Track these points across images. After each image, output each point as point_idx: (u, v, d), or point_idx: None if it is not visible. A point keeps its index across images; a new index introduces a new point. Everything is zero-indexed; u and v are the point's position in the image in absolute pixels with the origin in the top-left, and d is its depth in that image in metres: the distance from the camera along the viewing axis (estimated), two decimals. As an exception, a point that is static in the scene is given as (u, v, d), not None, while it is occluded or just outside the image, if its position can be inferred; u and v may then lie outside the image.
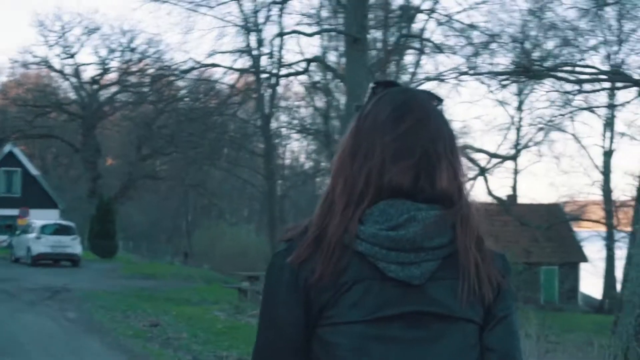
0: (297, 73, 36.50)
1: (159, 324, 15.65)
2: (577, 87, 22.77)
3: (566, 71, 21.69)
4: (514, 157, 37.07)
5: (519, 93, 49.84)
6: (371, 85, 2.09)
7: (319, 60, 35.58)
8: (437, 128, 1.97)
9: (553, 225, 36.39)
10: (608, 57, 37.30)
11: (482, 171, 30.77)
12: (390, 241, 1.85)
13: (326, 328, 1.87)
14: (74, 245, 35.31)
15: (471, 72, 24.95)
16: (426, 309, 1.87)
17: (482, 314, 1.93)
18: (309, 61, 33.99)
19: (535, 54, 26.06)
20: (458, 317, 1.89)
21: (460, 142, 2.08)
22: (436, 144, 1.94)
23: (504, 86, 28.00)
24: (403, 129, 1.94)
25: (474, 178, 30.04)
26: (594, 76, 23.10)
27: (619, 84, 27.45)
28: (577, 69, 22.84)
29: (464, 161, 2.02)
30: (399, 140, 1.93)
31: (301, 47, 79.00)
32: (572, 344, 15.17)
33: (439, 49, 30.46)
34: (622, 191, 68.61)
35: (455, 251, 1.89)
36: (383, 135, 1.94)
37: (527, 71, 19.79)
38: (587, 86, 23.70)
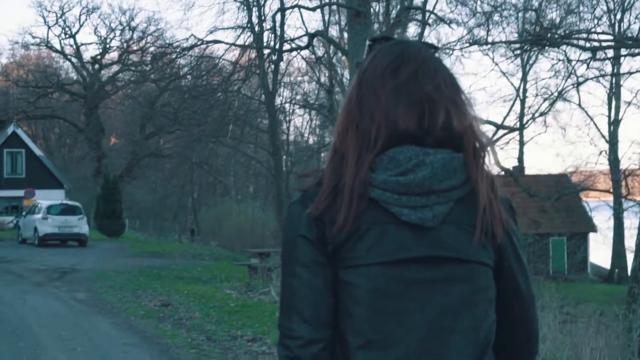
0: (300, 48, 36.15)
1: (171, 304, 15.43)
2: (588, 55, 22.37)
3: (581, 38, 21.30)
4: (521, 128, 36.75)
5: (524, 64, 49.66)
6: (368, 42, 2.17)
7: (322, 34, 35.22)
8: (435, 72, 2.05)
9: (563, 196, 36.13)
10: (612, 25, 37.06)
11: (490, 142, 30.50)
12: (401, 186, 1.94)
13: (348, 270, 1.98)
14: (80, 225, 35.19)
15: (482, 41, 24.58)
16: (440, 253, 1.96)
17: (494, 256, 2.04)
18: (311, 35, 33.56)
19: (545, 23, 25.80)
20: (471, 260, 1.99)
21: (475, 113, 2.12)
22: (436, 88, 2.01)
23: (517, 55, 27.60)
24: (403, 77, 2.02)
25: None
26: (608, 43, 22.70)
27: (624, 51, 27.14)
28: (591, 36, 22.45)
29: (469, 102, 2.08)
30: (400, 87, 2.01)
31: (303, 23, 78.81)
32: (586, 314, 14.98)
33: (442, 20, 30.24)
34: (630, 160, 68.49)
35: (468, 193, 1.98)
36: (384, 85, 2.02)
37: (541, 39, 19.41)
38: (599, 55, 23.33)
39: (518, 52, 24.91)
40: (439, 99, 2.00)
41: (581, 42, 21.30)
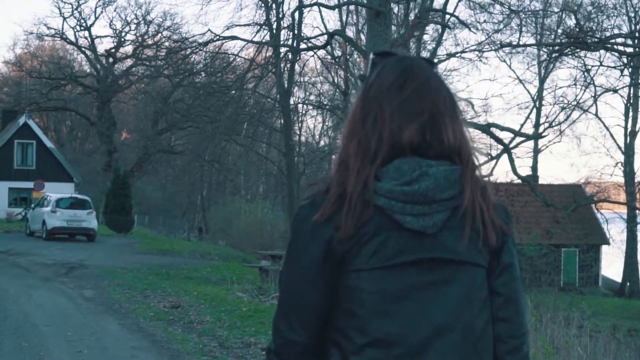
0: (318, 47, 35.72)
1: (181, 305, 14.95)
2: (612, 62, 21.81)
3: (618, 43, 20.74)
4: (539, 136, 36.22)
5: (542, 72, 49.16)
6: (371, 56, 2.28)
7: (340, 34, 34.79)
8: (437, 89, 2.20)
9: (579, 206, 35.59)
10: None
11: (507, 149, 29.96)
12: (405, 195, 2.08)
13: (351, 274, 2.10)
14: (89, 219, 34.82)
15: (514, 43, 24.02)
16: (438, 255, 2.12)
17: (488, 259, 2.20)
18: (330, 34, 33.15)
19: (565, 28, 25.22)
20: (466, 262, 2.15)
21: (484, 120, 2.35)
22: (438, 104, 2.17)
23: (553, 59, 26.96)
24: (407, 93, 2.16)
25: (498, 157, 29.41)
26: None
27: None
28: (628, 41, 21.84)
29: (464, 118, 2.23)
30: (405, 103, 2.15)
31: (320, 22, 78.33)
32: (600, 329, 14.53)
33: (463, 23, 29.91)
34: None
35: (464, 201, 2.13)
36: (390, 100, 2.16)
37: (580, 42, 18.87)
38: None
39: (555, 54, 24.18)
40: (441, 115, 2.15)
41: (620, 47, 20.75)
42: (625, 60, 25.59)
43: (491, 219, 2.17)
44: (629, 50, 20.52)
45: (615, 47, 20.57)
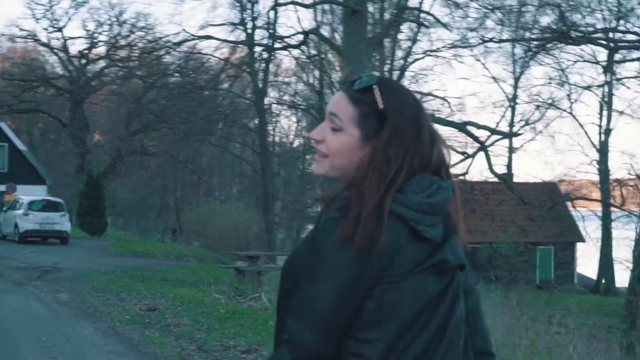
0: (294, 46, 35.58)
1: (157, 308, 14.67)
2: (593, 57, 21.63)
3: (602, 38, 20.52)
4: (516, 134, 36.20)
5: (521, 70, 49.18)
6: (374, 85, 2.32)
7: (316, 32, 34.63)
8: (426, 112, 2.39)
9: (556, 204, 35.58)
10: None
11: (484, 147, 29.87)
12: (430, 207, 2.20)
13: (382, 287, 2.14)
14: (62, 222, 34.43)
15: (496, 39, 23.80)
16: (448, 257, 2.23)
17: None
18: (306, 33, 33.03)
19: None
20: (466, 265, 2.32)
21: (458, 119, 2.56)
22: (434, 127, 2.38)
23: (534, 54, 26.79)
24: (423, 121, 2.33)
25: (474, 155, 29.33)
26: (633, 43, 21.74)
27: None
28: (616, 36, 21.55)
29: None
30: (423, 130, 2.31)
31: (294, 22, 78.04)
32: (576, 326, 14.42)
33: (439, 22, 29.85)
34: (620, 169, 68.14)
35: (451, 210, 2.31)
36: (413, 130, 2.29)
37: (565, 37, 18.63)
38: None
39: (537, 49, 23.87)
40: (439, 137, 2.36)
41: (603, 42, 20.55)
42: (604, 57, 25.47)
43: (464, 226, 2.38)
44: (612, 45, 20.35)
45: (599, 41, 20.39)
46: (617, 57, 30.26)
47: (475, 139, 29.11)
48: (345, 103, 2.33)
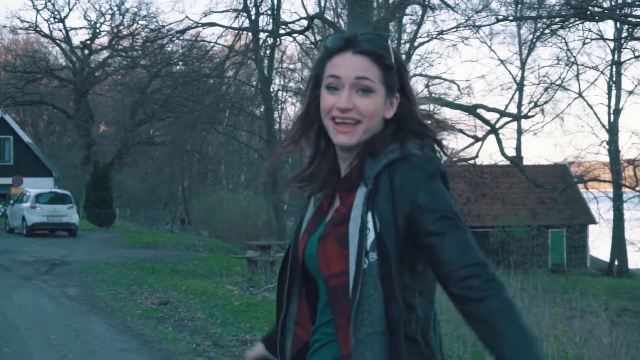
0: (299, 32, 35.11)
1: (169, 302, 14.24)
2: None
3: (625, 14, 19.91)
4: (526, 116, 35.67)
5: (528, 51, 48.68)
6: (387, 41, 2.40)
7: (321, 17, 34.14)
8: None
9: (569, 186, 35.12)
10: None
11: (494, 130, 29.42)
12: None
13: None
14: (70, 214, 34.10)
15: (510, 18, 23.22)
16: None
17: None
18: (311, 18, 32.54)
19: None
20: None
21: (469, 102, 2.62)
22: None
23: (553, 32, 26.20)
24: None
25: (484, 138, 28.93)
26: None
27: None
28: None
29: None
30: None
31: (297, 8, 77.52)
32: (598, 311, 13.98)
33: (445, 3, 29.44)
34: (637, 150, 67.47)
35: None
36: None
37: (584, 13, 18.08)
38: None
39: (556, 26, 23.19)
40: None
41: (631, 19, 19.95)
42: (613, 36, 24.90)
43: None
44: (633, 20, 19.75)
45: (622, 17, 19.78)
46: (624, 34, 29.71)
47: (486, 122, 28.72)
48: (368, 63, 2.34)
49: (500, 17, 23.32)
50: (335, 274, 2.29)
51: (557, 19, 20.98)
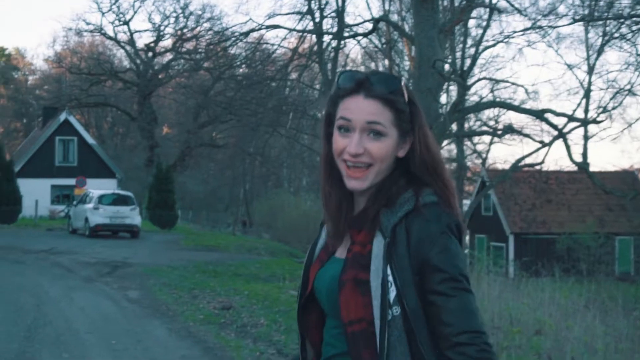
0: (364, 34, 34.69)
1: (232, 307, 13.94)
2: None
3: None
4: (595, 121, 34.84)
5: (596, 55, 47.72)
6: (400, 84, 2.39)
7: (387, 19, 33.74)
8: None
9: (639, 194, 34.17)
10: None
11: (563, 135, 28.71)
12: None
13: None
14: (133, 215, 34.08)
15: (587, 18, 22.53)
16: None
17: None
18: (376, 20, 32.14)
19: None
20: None
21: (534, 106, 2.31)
22: None
23: (622, 36, 25.55)
24: None
25: (551, 143, 28.32)
26: None
27: None
28: None
29: None
30: None
31: (362, 11, 77.26)
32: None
33: (512, 6, 29.04)
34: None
35: None
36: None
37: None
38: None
39: (625, 30, 22.47)
40: None
41: None
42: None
43: None
44: None
45: None
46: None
47: (554, 126, 28.08)
48: (379, 108, 2.35)
49: (576, 17, 22.62)
50: (356, 321, 2.30)
51: (626, 21, 20.24)
